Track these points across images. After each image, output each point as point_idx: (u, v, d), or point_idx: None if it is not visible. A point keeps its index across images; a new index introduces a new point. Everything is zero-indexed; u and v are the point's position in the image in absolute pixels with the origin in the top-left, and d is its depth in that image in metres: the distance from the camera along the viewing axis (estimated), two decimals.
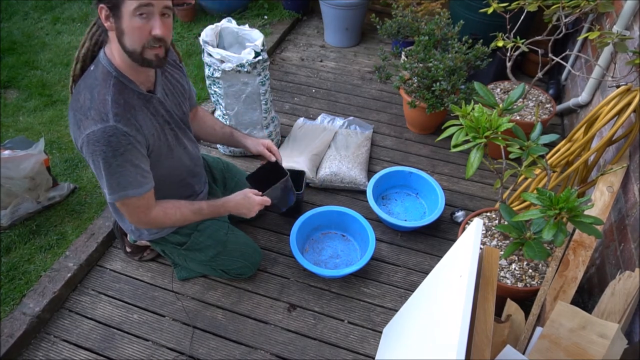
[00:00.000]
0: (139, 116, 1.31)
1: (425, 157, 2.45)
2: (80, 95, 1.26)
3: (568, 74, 2.76)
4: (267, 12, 3.61)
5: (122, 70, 1.28)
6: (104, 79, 1.26)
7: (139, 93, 1.33)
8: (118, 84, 1.27)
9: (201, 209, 1.53)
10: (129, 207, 1.37)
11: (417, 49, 2.31)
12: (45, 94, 2.73)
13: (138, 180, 1.32)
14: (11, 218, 1.95)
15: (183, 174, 1.59)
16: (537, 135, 1.44)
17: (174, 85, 1.49)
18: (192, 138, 1.62)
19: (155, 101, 1.39)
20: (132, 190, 1.32)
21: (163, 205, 1.44)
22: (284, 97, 2.86)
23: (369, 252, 1.78)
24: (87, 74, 1.29)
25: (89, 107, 1.23)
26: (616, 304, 1.30)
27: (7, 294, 1.73)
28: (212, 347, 1.64)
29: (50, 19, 3.48)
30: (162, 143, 1.42)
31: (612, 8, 1.71)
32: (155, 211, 1.42)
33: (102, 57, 1.28)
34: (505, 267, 1.60)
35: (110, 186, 1.30)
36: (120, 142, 1.24)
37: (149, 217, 1.41)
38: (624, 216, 1.56)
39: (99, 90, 1.25)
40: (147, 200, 1.38)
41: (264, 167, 1.77)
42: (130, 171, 1.29)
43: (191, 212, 1.50)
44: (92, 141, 1.22)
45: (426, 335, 1.19)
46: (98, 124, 1.21)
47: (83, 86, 1.27)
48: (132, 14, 1.17)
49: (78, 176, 2.23)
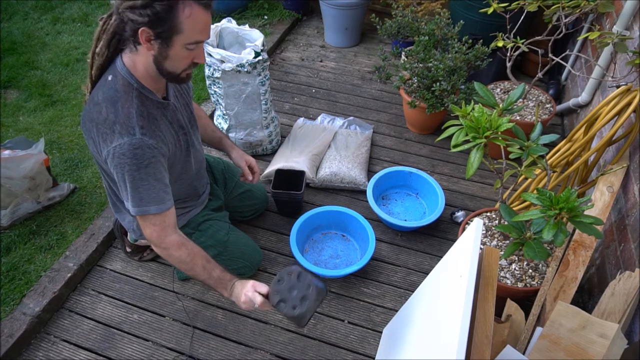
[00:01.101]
0: (161, 126, 1.32)
1: (425, 157, 2.45)
2: (101, 108, 1.24)
3: (568, 74, 2.76)
4: (267, 12, 3.61)
5: (142, 80, 1.28)
6: (125, 92, 1.25)
7: (158, 102, 1.33)
8: (140, 96, 1.27)
9: (211, 276, 1.39)
10: (146, 222, 1.34)
11: (417, 49, 2.31)
12: (45, 94, 2.73)
13: (160, 197, 1.32)
14: (11, 218, 1.95)
15: (191, 177, 1.59)
16: (537, 135, 1.43)
17: (181, 87, 1.49)
18: (199, 139, 1.62)
19: (171, 107, 1.39)
20: (154, 206, 1.31)
21: (183, 240, 1.38)
22: (284, 97, 2.86)
23: (369, 252, 1.78)
24: (105, 84, 1.27)
25: (113, 120, 1.23)
26: (616, 304, 1.30)
27: (7, 294, 1.73)
28: (212, 347, 1.64)
29: (50, 19, 3.48)
30: (177, 149, 1.42)
31: (612, 8, 1.71)
32: (171, 238, 1.36)
33: (120, 67, 1.26)
34: (505, 267, 1.60)
35: (133, 200, 1.30)
36: (145, 154, 1.24)
37: (163, 239, 1.35)
38: (624, 216, 1.56)
39: (122, 103, 1.24)
40: (165, 219, 1.34)
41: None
42: (153, 186, 1.29)
43: (201, 268, 1.39)
44: (117, 154, 1.23)
45: (426, 335, 1.19)
46: (124, 137, 1.22)
47: (102, 98, 1.25)
48: (183, 45, 1.18)
49: (78, 176, 2.23)
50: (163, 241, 1.36)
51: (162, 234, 1.35)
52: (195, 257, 1.38)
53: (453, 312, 1.03)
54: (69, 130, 2.49)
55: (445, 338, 1.01)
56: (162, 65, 1.23)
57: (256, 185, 2.00)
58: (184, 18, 1.13)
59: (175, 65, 1.23)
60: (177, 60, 1.22)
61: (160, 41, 1.17)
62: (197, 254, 1.39)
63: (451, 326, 1.00)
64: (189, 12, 1.13)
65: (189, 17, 1.14)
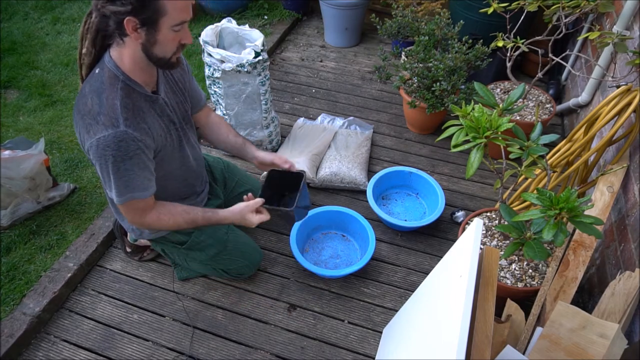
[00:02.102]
0: (147, 118, 1.32)
1: (425, 157, 2.45)
2: (87, 99, 1.25)
3: (568, 74, 2.76)
4: (267, 12, 3.61)
5: (129, 72, 1.29)
6: (110, 83, 1.26)
7: (146, 95, 1.34)
8: (125, 88, 1.28)
9: (195, 220, 1.50)
10: (129, 208, 1.39)
11: (417, 49, 2.31)
12: (45, 94, 2.73)
13: (144, 184, 1.35)
14: (11, 218, 1.95)
15: (185, 174, 1.59)
16: (537, 135, 1.43)
17: (175, 84, 1.50)
18: (195, 137, 1.63)
19: (161, 101, 1.40)
20: (138, 193, 1.34)
21: (158, 210, 1.45)
22: (284, 97, 2.86)
23: (369, 252, 1.78)
24: (92, 76, 1.29)
25: (97, 111, 1.23)
26: (616, 304, 1.30)
27: (7, 294, 1.73)
28: (212, 347, 1.64)
29: (50, 19, 3.48)
30: (167, 143, 1.43)
31: (612, 8, 1.71)
32: (150, 215, 1.43)
33: (107, 60, 1.28)
34: (505, 267, 1.60)
35: (117, 188, 1.32)
36: (129, 146, 1.25)
37: (144, 219, 1.42)
38: (624, 216, 1.56)
39: (107, 94, 1.25)
40: (147, 203, 1.40)
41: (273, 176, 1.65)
42: (137, 175, 1.31)
43: (184, 220, 1.49)
44: (102, 146, 1.23)
45: (426, 335, 1.19)
46: (109, 129, 1.22)
47: (89, 89, 1.27)
48: (169, 27, 1.19)
49: (78, 176, 2.23)
50: (145, 221, 1.43)
51: (143, 215, 1.42)
52: (175, 217, 1.47)
53: (453, 312, 1.03)
54: (69, 130, 2.49)
55: (445, 338, 1.01)
56: (151, 52, 1.24)
57: (256, 184, 2.00)
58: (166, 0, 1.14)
59: (164, 49, 1.24)
60: (166, 43, 1.23)
61: (146, 28, 1.18)
62: (175, 214, 1.47)
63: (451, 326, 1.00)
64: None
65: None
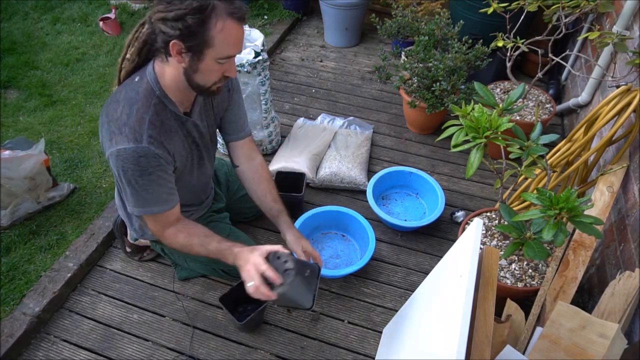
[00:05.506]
0: (173, 138, 1.31)
1: (425, 157, 2.45)
2: (118, 106, 1.24)
3: (568, 74, 2.76)
4: (267, 12, 3.61)
5: (166, 89, 1.27)
6: (145, 96, 1.24)
7: (177, 115, 1.32)
8: (159, 105, 1.26)
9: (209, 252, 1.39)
10: (149, 219, 1.38)
11: (417, 49, 2.31)
12: (45, 94, 2.73)
13: (162, 198, 1.33)
14: (11, 218, 1.95)
15: (196, 188, 1.60)
16: (537, 135, 1.43)
17: (211, 108, 1.48)
18: (213, 156, 1.63)
19: (190, 124, 1.38)
20: (156, 207, 1.33)
21: (178, 227, 1.40)
22: (284, 97, 2.86)
23: (369, 252, 1.78)
24: (131, 83, 1.26)
25: (125, 122, 1.21)
26: (616, 304, 1.30)
27: (7, 294, 1.73)
28: (212, 347, 1.64)
29: (50, 19, 3.48)
30: (187, 162, 1.43)
31: (612, 8, 1.72)
32: (169, 231, 1.39)
33: (149, 72, 1.25)
34: (505, 267, 1.60)
35: (135, 201, 1.31)
36: (149, 163, 1.24)
37: (162, 232, 1.40)
38: (624, 216, 1.56)
39: (139, 107, 1.23)
40: (168, 217, 1.37)
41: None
42: (155, 190, 1.30)
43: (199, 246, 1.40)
44: (121, 157, 1.22)
45: (426, 335, 1.19)
46: (131, 142, 1.21)
47: (123, 97, 1.25)
48: (214, 59, 1.17)
49: (78, 176, 2.23)
50: (163, 234, 1.40)
51: (163, 229, 1.39)
52: (192, 238, 1.39)
53: (453, 312, 1.03)
54: (69, 130, 2.49)
55: (445, 338, 1.01)
56: (192, 78, 1.22)
57: None
58: (216, 32, 1.11)
59: (206, 78, 1.22)
60: (208, 73, 1.20)
61: (191, 54, 1.15)
62: (193, 234, 1.39)
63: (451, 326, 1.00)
64: (222, 26, 1.11)
65: (221, 32, 1.12)
